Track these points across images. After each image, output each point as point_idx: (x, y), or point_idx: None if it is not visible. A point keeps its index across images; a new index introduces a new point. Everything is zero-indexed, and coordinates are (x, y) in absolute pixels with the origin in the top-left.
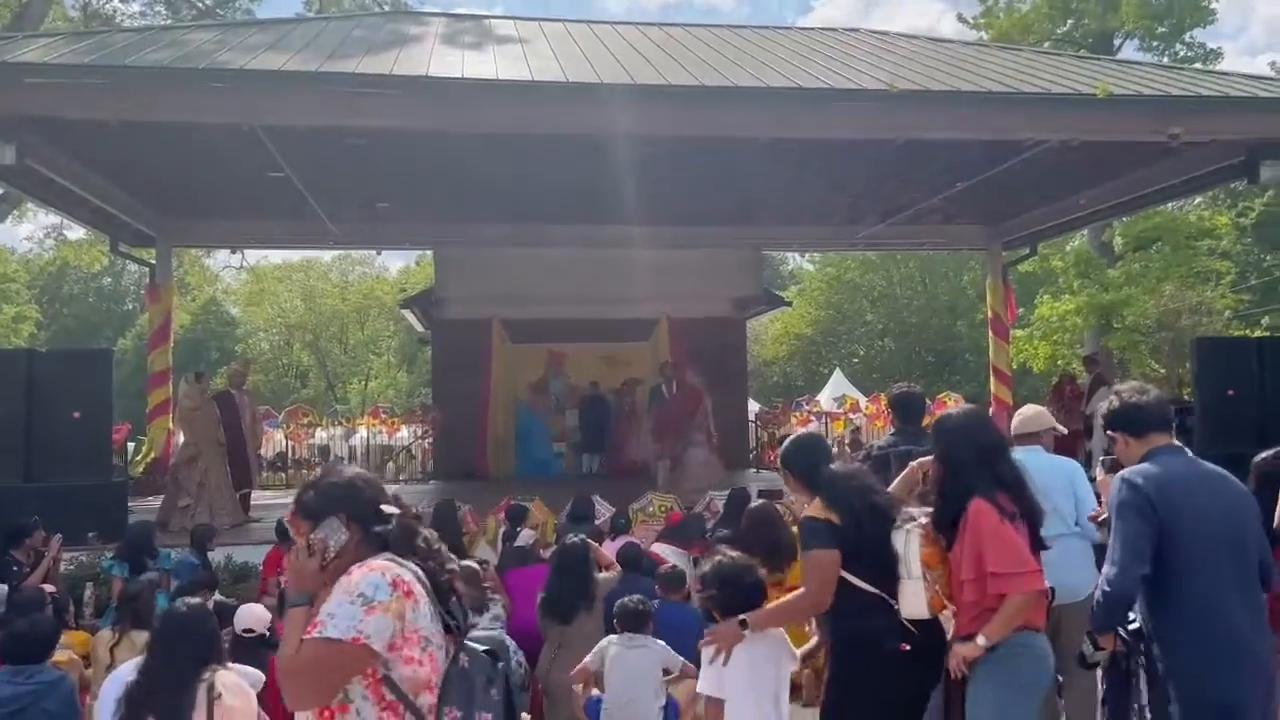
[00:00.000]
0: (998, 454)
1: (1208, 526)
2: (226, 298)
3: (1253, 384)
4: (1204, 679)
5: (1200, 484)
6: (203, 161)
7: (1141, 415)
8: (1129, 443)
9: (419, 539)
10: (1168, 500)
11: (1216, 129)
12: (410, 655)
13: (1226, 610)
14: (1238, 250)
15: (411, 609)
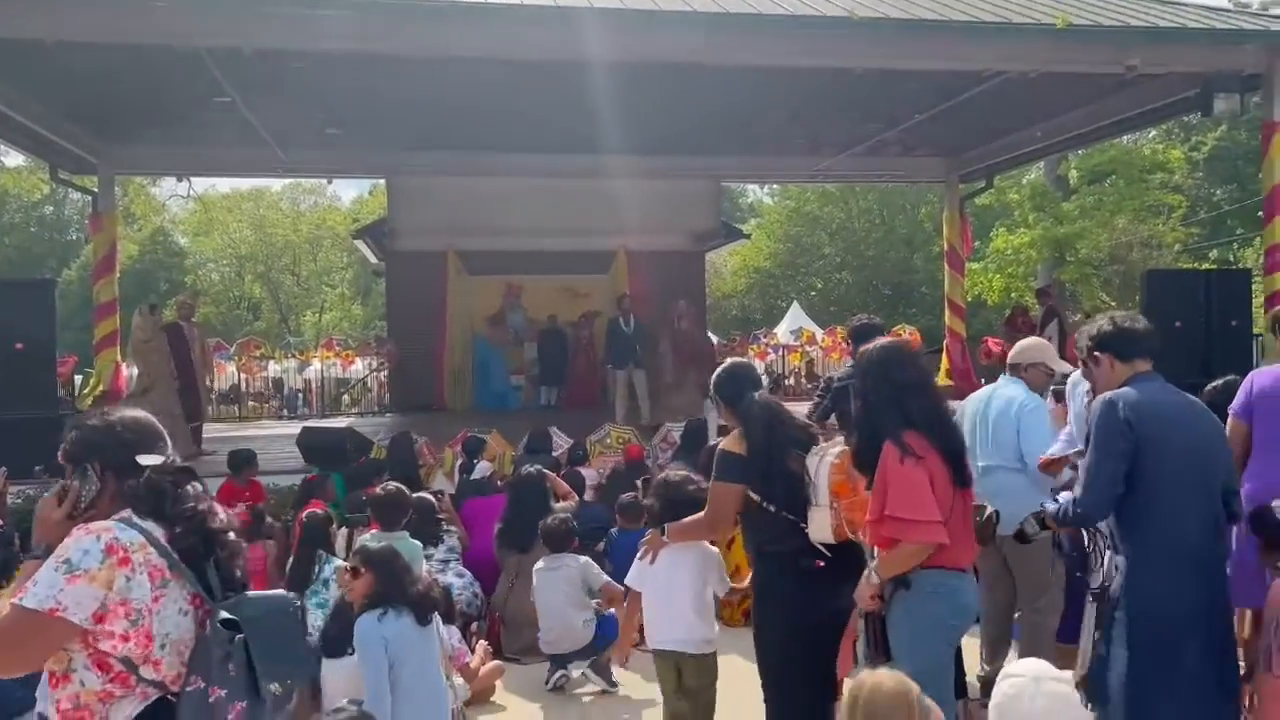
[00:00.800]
0: (913, 391)
1: (1179, 454)
2: (174, 228)
3: (1200, 316)
4: (1160, 600)
5: (1176, 412)
6: (144, 85)
7: (1132, 339)
8: (1115, 365)
9: (169, 499)
10: (1144, 425)
11: (1173, 60)
12: (113, 630)
13: (1190, 537)
14: (1189, 184)
15: (125, 578)
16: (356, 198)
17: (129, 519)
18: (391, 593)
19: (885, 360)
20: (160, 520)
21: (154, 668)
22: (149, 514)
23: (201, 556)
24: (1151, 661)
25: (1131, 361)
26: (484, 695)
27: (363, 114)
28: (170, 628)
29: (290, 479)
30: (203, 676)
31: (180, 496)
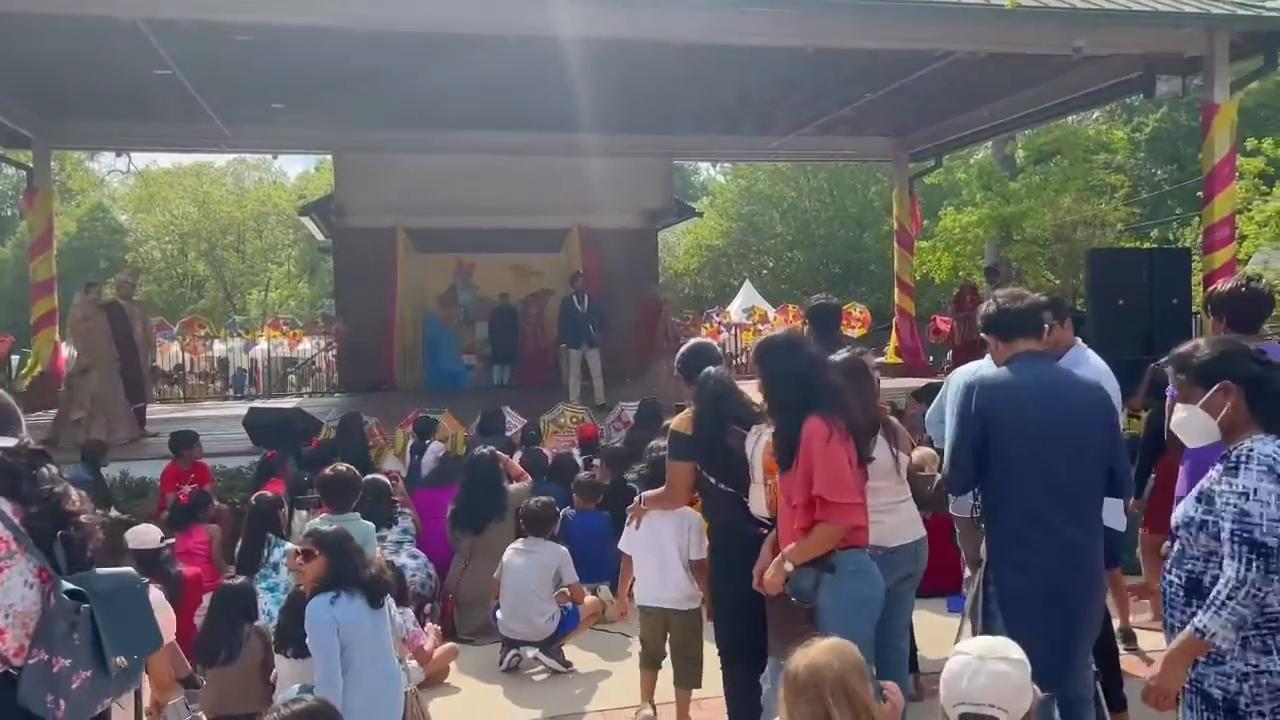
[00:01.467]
0: (817, 372)
1: (1034, 436)
2: (114, 204)
3: (1142, 294)
4: (1015, 576)
5: (1042, 393)
6: (82, 57)
7: (1009, 320)
8: (998, 346)
9: (25, 479)
10: (995, 408)
11: (1117, 42)
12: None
13: (1045, 515)
14: (1131, 165)
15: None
16: (302, 173)
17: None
18: (343, 576)
19: (793, 343)
20: (15, 499)
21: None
22: (2, 493)
23: (50, 535)
24: (1013, 634)
25: (1012, 341)
26: (438, 677)
27: (309, 88)
28: (15, 599)
29: (237, 461)
30: (46, 649)
31: (36, 478)
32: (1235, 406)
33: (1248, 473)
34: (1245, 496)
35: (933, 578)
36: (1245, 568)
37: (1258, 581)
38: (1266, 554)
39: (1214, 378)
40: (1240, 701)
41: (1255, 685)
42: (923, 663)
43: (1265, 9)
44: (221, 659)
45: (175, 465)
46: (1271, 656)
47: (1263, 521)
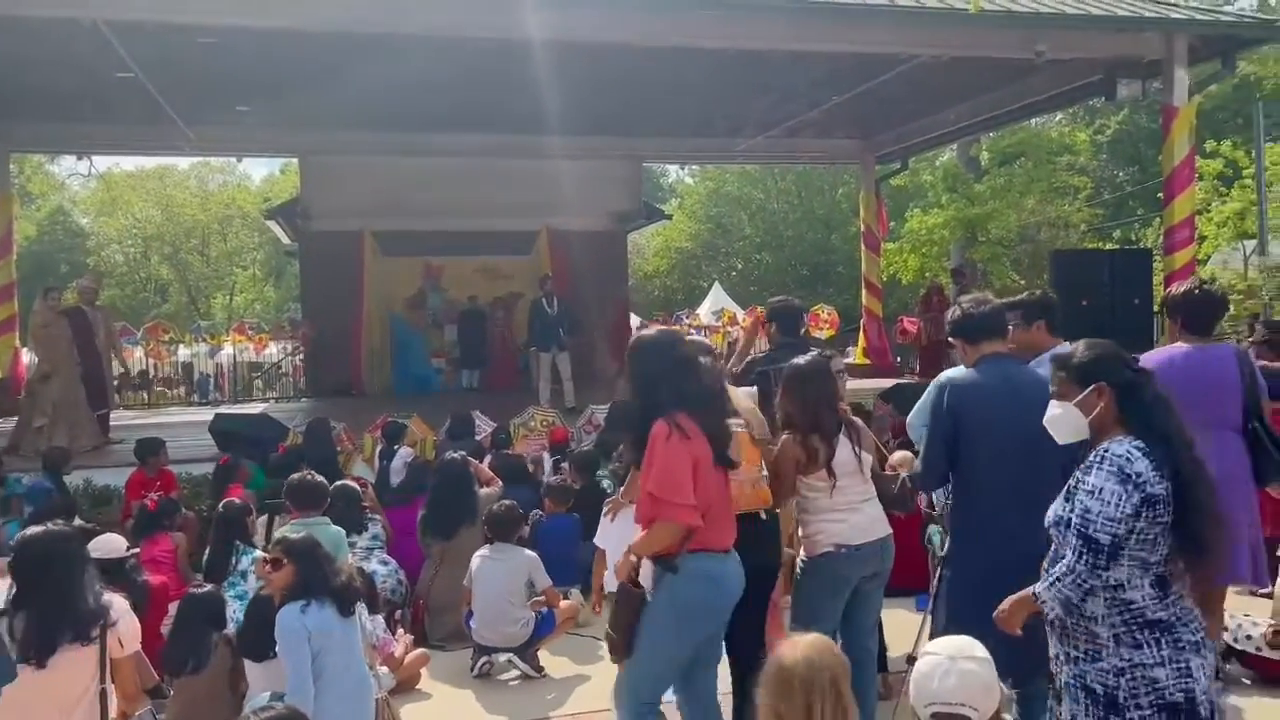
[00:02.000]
0: (686, 370)
1: (1001, 436)
2: (75, 207)
3: (1105, 294)
4: (969, 571)
5: (1008, 394)
6: (42, 59)
7: (974, 323)
8: (965, 349)
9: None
10: (965, 408)
11: (1078, 46)
12: None
13: (1006, 512)
14: (1094, 166)
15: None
16: (267, 176)
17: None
18: (313, 583)
19: (659, 341)
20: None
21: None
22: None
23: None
24: (956, 622)
25: (979, 344)
26: (409, 684)
27: (274, 90)
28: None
29: (203, 467)
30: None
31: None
32: (1106, 408)
33: (1099, 472)
34: (1092, 494)
35: (901, 576)
36: (1077, 558)
37: (1084, 573)
38: (1096, 550)
39: (1090, 379)
40: (1119, 695)
41: (1131, 679)
42: (892, 662)
43: (1222, 14)
44: (189, 668)
45: (140, 472)
46: (1142, 651)
47: (1098, 519)
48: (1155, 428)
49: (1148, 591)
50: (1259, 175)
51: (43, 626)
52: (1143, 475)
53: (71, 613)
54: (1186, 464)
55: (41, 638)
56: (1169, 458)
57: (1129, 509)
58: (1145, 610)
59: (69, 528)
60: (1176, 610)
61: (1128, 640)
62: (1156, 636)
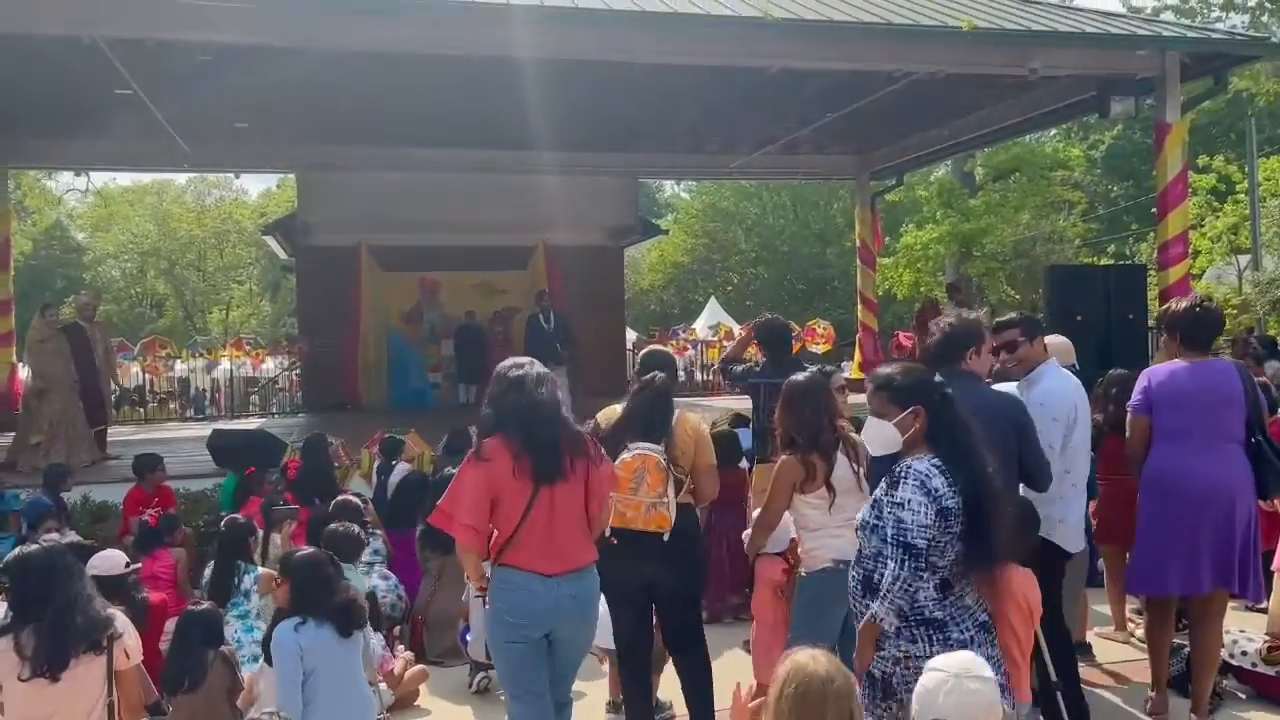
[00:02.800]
0: (509, 395)
1: None
2: (72, 222)
3: (1099, 309)
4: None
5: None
6: (41, 76)
7: (937, 346)
8: (937, 370)
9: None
10: None
11: (1072, 64)
12: None
13: None
14: (1088, 181)
15: None
16: (264, 191)
17: None
18: (311, 602)
19: (501, 367)
20: None
21: None
22: None
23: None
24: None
25: (941, 365)
26: (408, 700)
27: (272, 107)
28: None
29: (201, 483)
30: None
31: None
32: (920, 428)
33: (905, 486)
34: (902, 506)
35: None
36: (900, 566)
37: (908, 578)
38: (915, 555)
39: (909, 401)
40: (893, 681)
41: (905, 668)
42: None
43: (1214, 32)
44: (186, 686)
45: (139, 489)
46: (917, 644)
47: (914, 528)
48: (958, 448)
49: (931, 593)
50: (1252, 190)
51: (54, 638)
52: (939, 490)
53: (84, 621)
54: (982, 481)
55: (54, 650)
56: (966, 475)
57: (929, 517)
58: (925, 609)
59: (62, 543)
60: (952, 611)
61: (906, 634)
62: (930, 633)
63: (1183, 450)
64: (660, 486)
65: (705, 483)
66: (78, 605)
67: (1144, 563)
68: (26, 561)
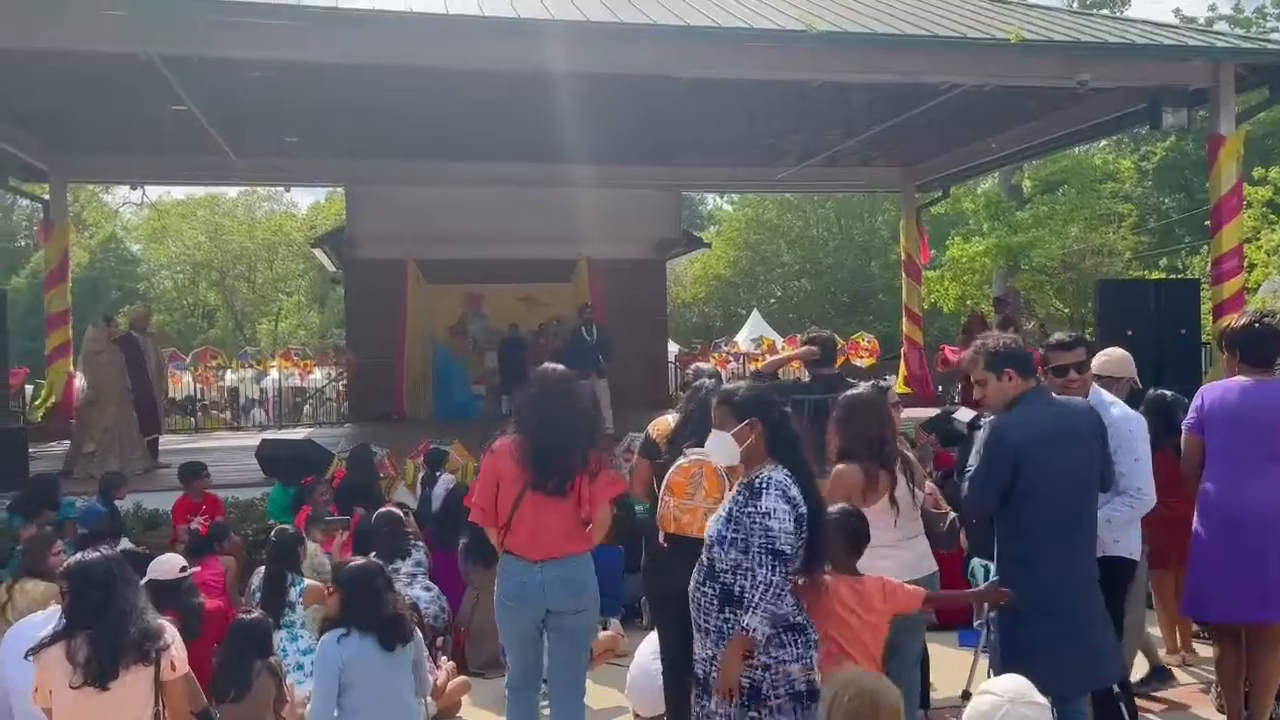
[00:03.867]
0: (531, 404)
1: (1049, 466)
2: (127, 234)
3: (1150, 324)
4: (1020, 592)
5: (1055, 427)
6: (98, 93)
7: (1015, 358)
8: (1013, 379)
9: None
10: (1021, 454)
11: (1122, 76)
12: None
13: (1052, 548)
14: (1139, 193)
15: None
16: (313, 204)
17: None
18: (358, 613)
19: (536, 375)
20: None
21: None
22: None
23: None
24: (1010, 644)
25: (1028, 379)
26: (450, 711)
27: (321, 122)
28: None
29: (249, 492)
30: None
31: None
32: (757, 440)
33: (768, 495)
34: (768, 515)
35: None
36: (770, 572)
37: (779, 583)
38: (784, 560)
39: (746, 414)
40: (763, 688)
41: (774, 674)
42: (935, 697)
43: (1269, 42)
44: (231, 695)
45: (187, 497)
46: (785, 650)
47: (780, 534)
48: (795, 461)
49: (790, 600)
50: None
51: (106, 647)
52: (796, 498)
53: (136, 632)
54: (814, 491)
55: (105, 659)
56: (805, 485)
57: (791, 524)
58: (789, 615)
59: (118, 552)
60: (804, 615)
61: (775, 641)
62: (795, 637)
63: (1234, 473)
64: (717, 493)
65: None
66: (131, 616)
67: (1199, 587)
68: (88, 571)
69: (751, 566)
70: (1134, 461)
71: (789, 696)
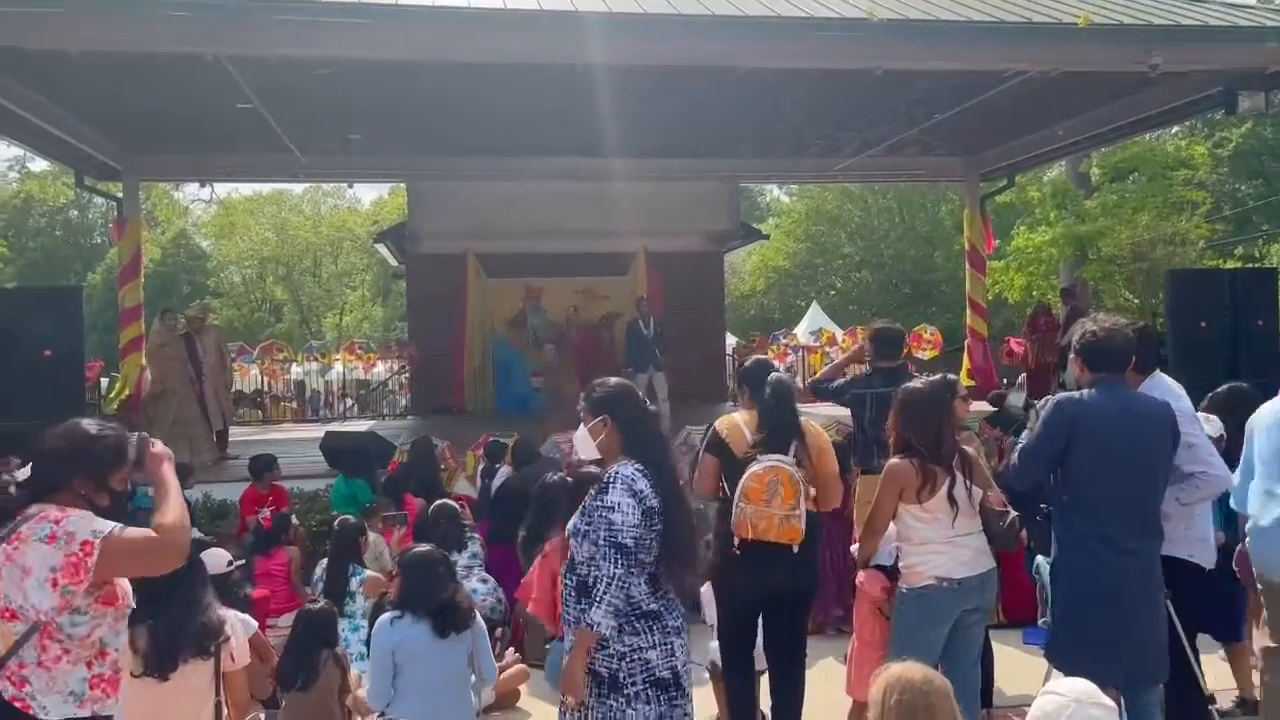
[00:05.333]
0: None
1: (1112, 453)
2: (196, 231)
3: (1225, 315)
4: (1075, 581)
5: (1124, 415)
6: (168, 93)
7: (1095, 353)
8: (1083, 371)
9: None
10: (1080, 422)
11: (1195, 59)
12: None
13: (1111, 534)
14: (1213, 180)
15: None
16: (376, 199)
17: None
18: (413, 598)
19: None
20: None
21: None
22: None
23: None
24: (1068, 630)
25: (1098, 371)
26: (509, 700)
27: (384, 119)
28: None
29: (314, 483)
30: None
31: None
32: (610, 436)
33: (614, 490)
34: (612, 509)
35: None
36: (613, 565)
37: (622, 576)
38: (627, 553)
39: (600, 411)
40: (620, 676)
41: (630, 662)
42: (998, 695)
43: None
44: (298, 684)
45: (254, 488)
46: (640, 637)
47: (624, 528)
48: (651, 456)
49: (643, 589)
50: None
51: (165, 639)
52: (644, 492)
53: (196, 626)
54: (672, 486)
55: (165, 650)
56: (662, 480)
57: (637, 518)
58: (641, 603)
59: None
60: (664, 602)
61: (629, 629)
62: (650, 625)
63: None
64: (793, 499)
65: (830, 490)
66: (194, 610)
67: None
68: None
69: (597, 559)
70: (1188, 448)
71: (648, 684)
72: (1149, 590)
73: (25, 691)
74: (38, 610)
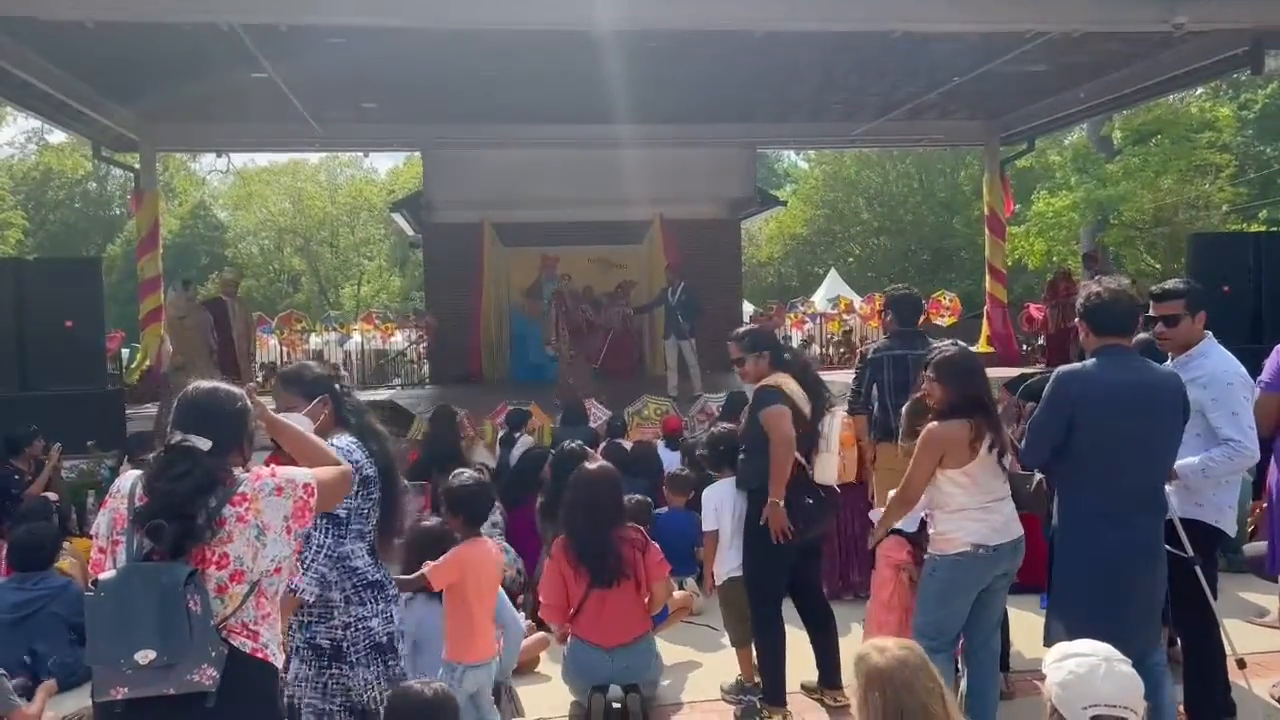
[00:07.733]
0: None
1: (1114, 428)
2: (214, 202)
3: (1249, 279)
4: (1075, 553)
5: (1129, 388)
6: (183, 63)
7: (1104, 316)
8: (1089, 336)
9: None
10: (1084, 397)
11: (1220, 17)
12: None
13: (1108, 502)
14: (1238, 143)
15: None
16: (392, 169)
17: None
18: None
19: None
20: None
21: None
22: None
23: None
24: (1066, 603)
25: (1104, 335)
26: (529, 666)
27: (399, 88)
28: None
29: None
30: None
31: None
32: (329, 414)
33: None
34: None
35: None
36: (324, 535)
37: (333, 545)
38: (339, 523)
39: (316, 392)
40: (344, 646)
41: (354, 632)
42: (1016, 659)
43: None
44: None
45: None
46: (366, 606)
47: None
48: (365, 429)
49: (365, 559)
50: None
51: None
52: (360, 462)
53: None
54: (385, 457)
55: None
56: (376, 452)
57: (351, 488)
58: (366, 574)
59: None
60: (382, 572)
61: (355, 599)
62: (374, 595)
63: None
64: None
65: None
66: None
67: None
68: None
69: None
70: (1231, 415)
71: (369, 649)
72: (1150, 562)
73: (260, 642)
74: (275, 562)
